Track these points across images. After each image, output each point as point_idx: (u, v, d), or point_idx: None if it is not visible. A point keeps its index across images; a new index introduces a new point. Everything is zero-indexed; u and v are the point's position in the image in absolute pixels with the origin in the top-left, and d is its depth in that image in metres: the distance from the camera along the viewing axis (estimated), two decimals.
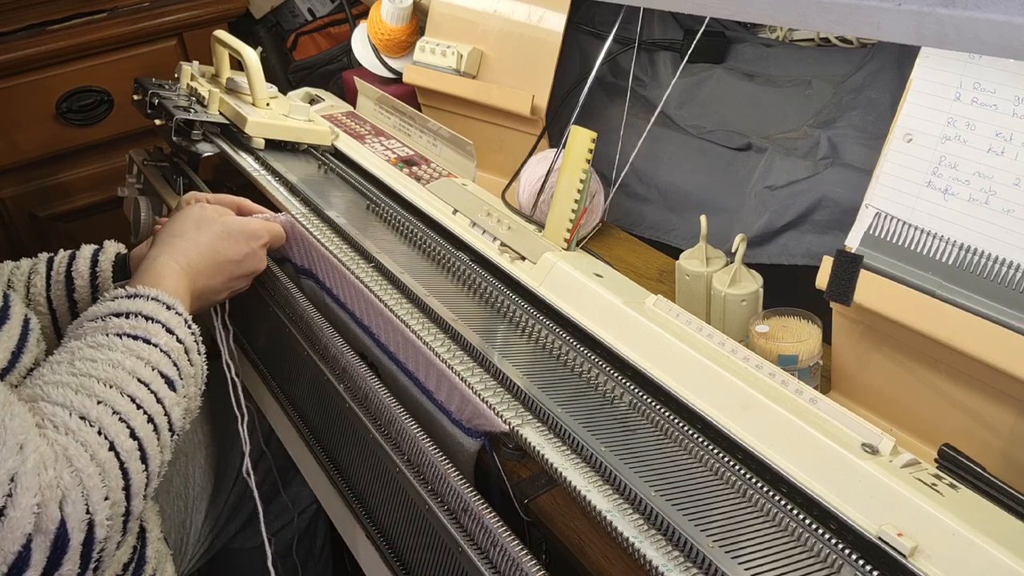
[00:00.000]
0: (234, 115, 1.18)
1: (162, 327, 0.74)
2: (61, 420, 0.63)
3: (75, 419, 0.63)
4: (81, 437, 0.62)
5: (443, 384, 0.73)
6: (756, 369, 0.68)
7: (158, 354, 0.72)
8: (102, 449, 0.63)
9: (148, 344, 0.72)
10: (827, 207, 0.93)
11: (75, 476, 0.60)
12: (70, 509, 0.59)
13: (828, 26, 0.46)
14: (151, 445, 0.67)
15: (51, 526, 0.58)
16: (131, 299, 0.75)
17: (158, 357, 0.72)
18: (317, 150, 1.20)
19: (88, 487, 0.60)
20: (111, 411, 0.65)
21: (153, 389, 0.70)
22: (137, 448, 0.66)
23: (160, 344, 0.73)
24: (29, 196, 1.59)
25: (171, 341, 0.74)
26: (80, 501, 0.60)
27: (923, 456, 0.61)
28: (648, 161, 1.12)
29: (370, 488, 0.81)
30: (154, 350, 0.72)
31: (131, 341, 0.71)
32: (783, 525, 0.58)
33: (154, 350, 0.72)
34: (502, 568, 0.61)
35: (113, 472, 0.63)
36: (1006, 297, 0.63)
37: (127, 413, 0.66)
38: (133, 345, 0.71)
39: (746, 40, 1.11)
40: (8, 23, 1.51)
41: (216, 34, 1.28)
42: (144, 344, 0.72)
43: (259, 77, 1.21)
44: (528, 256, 0.88)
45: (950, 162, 0.67)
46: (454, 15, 1.28)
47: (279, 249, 0.99)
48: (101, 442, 0.63)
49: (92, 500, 0.60)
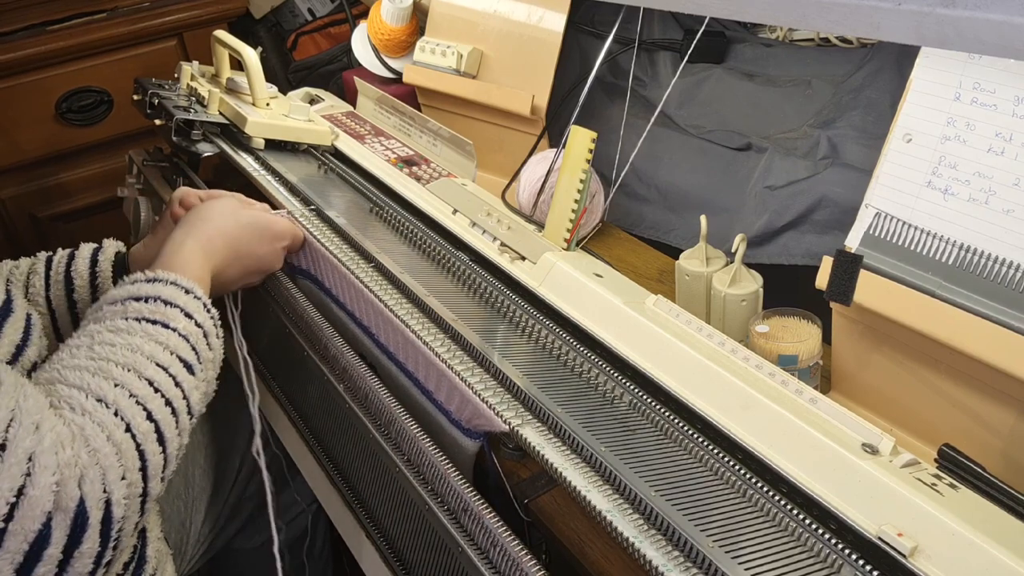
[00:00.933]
0: (234, 115, 1.18)
1: (181, 311, 0.74)
2: (77, 401, 0.63)
3: (91, 401, 0.63)
4: (97, 418, 0.63)
5: (443, 384, 0.73)
6: (756, 369, 0.68)
7: (176, 338, 0.72)
8: (118, 430, 0.63)
9: (167, 328, 0.72)
10: (827, 207, 0.93)
11: (92, 455, 0.60)
12: (88, 488, 0.59)
13: (828, 26, 0.46)
14: (169, 427, 0.68)
15: (71, 504, 0.58)
16: (151, 283, 0.75)
17: (176, 341, 0.72)
18: (317, 150, 1.20)
19: (105, 466, 0.61)
20: (128, 394, 0.65)
21: (172, 373, 0.70)
22: (154, 430, 0.66)
23: (179, 328, 0.73)
24: (29, 196, 1.59)
25: (190, 325, 0.74)
26: (98, 480, 0.60)
27: (923, 456, 0.61)
28: (648, 161, 1.12)
29: (370, 488, 0.81)
30: (172, 334, 0.72)
31: (150, 326, 0.71)
32: (783, 525, 0.58)
33: (172, 334, 0.72)
34: (502, 568, 0.61)
35: (130, 452, 0.63)
36: (1006, 297, 0.63)
37: (144, 396, 0.66)
38: (152, 330, 0.71)
39: (746, 40, 1.11)
40: (8, 23, 1.51)
41: (216, 34, 1.28)
42: (163, 328, 0.72)
43: (259, 77, 1.21)
44: (528, 256, 0.88)
45: (950, 162, 0.67)
46: (454, 15, 1.28)
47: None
48: (117, 423, 0.63)
49: (109, 479, 0.61)
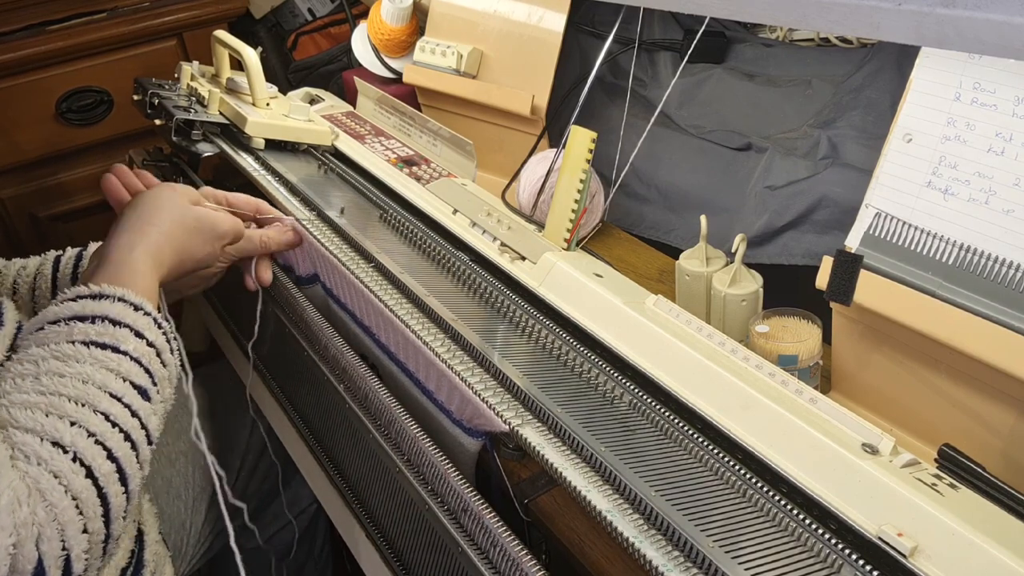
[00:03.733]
0: (234, 115, 1.18)
1: (131, 331, 0.69)
2: (32, 449, 0.59)
3: (46, 446, 0.60)
4: (54, 466, 0.59)
5: (443, 384, 0.73)
6: (756, 369, 0.68)
7: (128, 363, 0.67)
8: (78, 477, 0.60)
9: (117, 352, 0.67)
10: (827, 207, 0.93)
11: (49, 511, 0.57)
12: (46, 547, 0.56)
13: (828, 26, 0.46)
14: (130, 464, 0.64)
15: (28, 566, 0.55)
16: (96, 300, 0.69)
17: (128, 366, 0.67)
18: (317, 150, 1.20)
19: (63, 521, 0.58)
20: (85, 433, 0.62)
21: (127, 402, 0.66)
22: (115, 470, 0.63)
23: (130, 351, 0.68)
24: (29, 196, 1.59)
25: (141, 346, 0.69)
26: (56, 538, 0.57)
27: (923, 456, 0.61)
28: (648, 161, 1.12)
29: (370, 488, 0.81)
30: (124, 359, 0.67)
31: (99, 351, 0.66)
32: (783, 525, 0.58)
33: (124, 359, 0.67)
34: (502, 568, 0.61)
35: (91, 501, 0.60)
36: (1006, 297, 0.63)
37: (102, 433, 0.63)
38: (101, 356, 0.66)
39: (746, 40, 1.11)
40: (8, 23, 1.51)
41: (216, 34, 1.27)
42: (113, 353, 0.67)
43: (259, 77, 1.21)
44: (528, 256, 0.88)
45: (950, 162, 0.67)
46: (454, 15, 1.28)
47: (282, 256, 0.98)
48: (76, 469, 0.60)
49: (68, 534, 0.58)
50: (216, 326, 1.22)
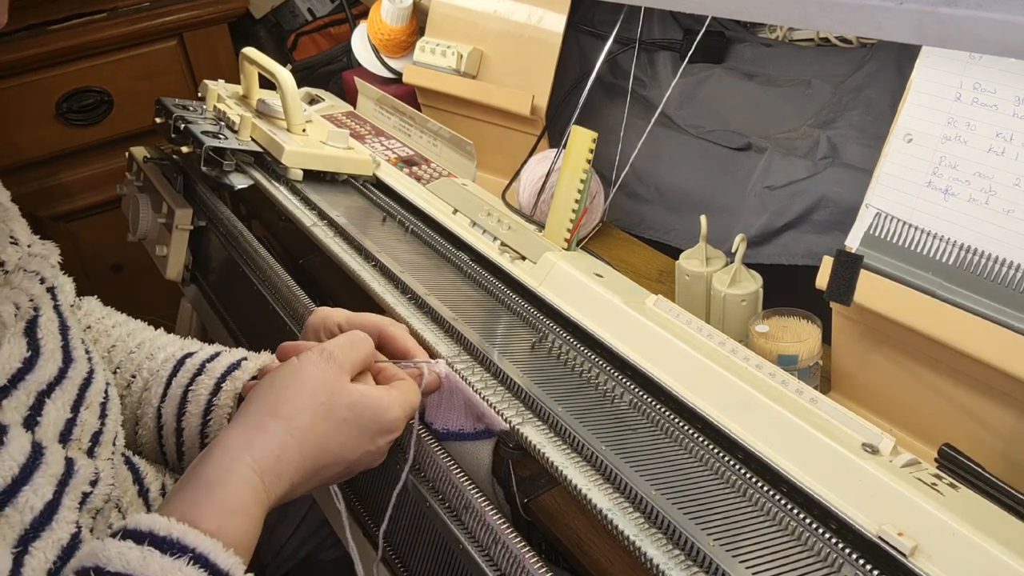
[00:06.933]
0: (268, 142, 1.08)
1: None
2: None
3: None
4: None
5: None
6: (756, 369, 0.68)
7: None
8: None
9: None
10: (827, 207, 0.93)
11: None
12: None
13: (829, 26, 0.46)
14: None
15: None
16: (166, 556, 0.48)
17: None
18: (358, 179, 1.11)
19: None
20: None
21: None
22: None
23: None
24: (29, 196, 1.59)
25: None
26: None
27: (923, 456, 0.61)
28: (648, 161, 1.12)
29: (370, 488, 0.81)
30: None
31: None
32: (783, 524, 0.58)
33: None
34: (503, 567, 0.61)
35: None
36: (1006, 297, 0.63)
37: None
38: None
39: (746, 40, 1.11)
40: (8, 23, 1.51)
41: (245, 52, 1.18)
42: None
43: (295, 100, 1.12)
44: (528, 256, 0.88)
45: (950, 162, 0.68)
46: (454, 15, 1.28)
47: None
48: None
49: None
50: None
